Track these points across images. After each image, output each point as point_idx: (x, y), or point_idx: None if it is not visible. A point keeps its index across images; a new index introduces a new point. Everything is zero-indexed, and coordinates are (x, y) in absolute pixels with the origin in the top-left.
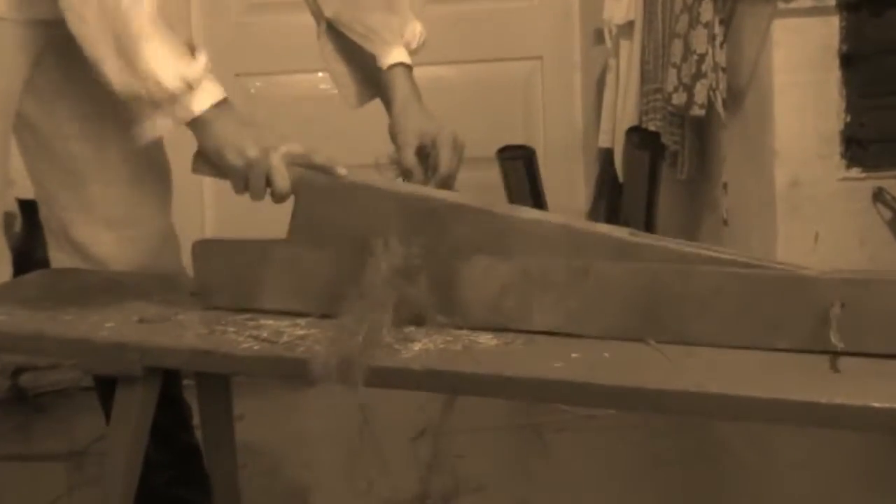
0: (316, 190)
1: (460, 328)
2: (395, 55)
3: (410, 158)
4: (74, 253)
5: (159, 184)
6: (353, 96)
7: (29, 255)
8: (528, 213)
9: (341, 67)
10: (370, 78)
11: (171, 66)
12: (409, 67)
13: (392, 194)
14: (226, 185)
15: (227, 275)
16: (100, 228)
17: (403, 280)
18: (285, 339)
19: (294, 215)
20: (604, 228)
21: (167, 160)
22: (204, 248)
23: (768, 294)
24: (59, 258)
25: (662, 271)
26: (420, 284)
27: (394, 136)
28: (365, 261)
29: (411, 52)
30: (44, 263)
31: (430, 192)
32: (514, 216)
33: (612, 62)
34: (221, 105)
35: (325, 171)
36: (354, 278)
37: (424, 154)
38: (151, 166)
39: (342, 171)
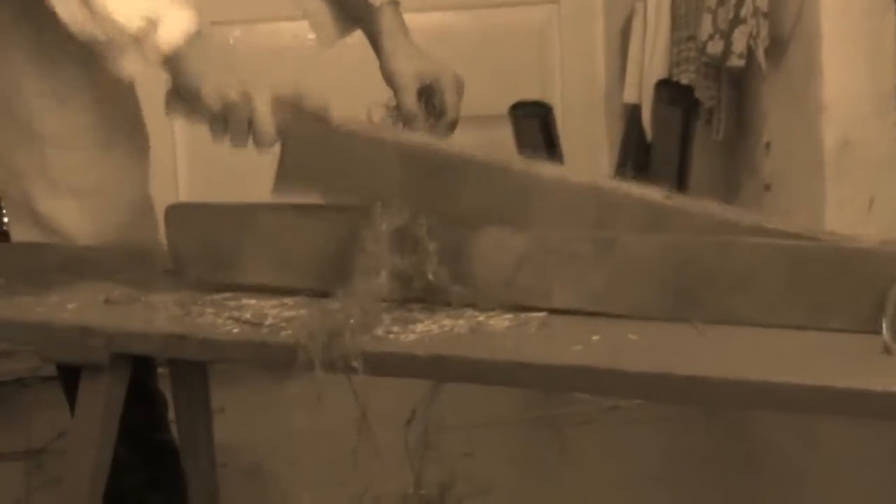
0: (306, 137)
1: (470, 305)
2: None
3: (412, 103)
4: (35, 225)
5: (134, 148)
6: (329, 33)
7: None
8: (550, 170)
9: (318, 3)
10: (349, 13)
11: (129, 3)
12: (396, 4)
13: (394, 146)
14: (202, 147)
15: (203, 243)
16: (65, 198)
17: (405, 250)
18: (270, 321)
19: (280, 166)
20: (636, 190)
21: (143, 121)
22: (178, 214)
23: (818, 269)
24: (19, 231)
25: (698, 244)
26: (424, 254)
27: (389, 77)
28: (360, 229)
29: None
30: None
31: (438, 143)
32: (534, 174)
33: (638, 6)
34: (194, 37)
35: (317, 117)
36: (348, 249)
37: (425, 97)
38: (125, 127)
39: (335, 117)
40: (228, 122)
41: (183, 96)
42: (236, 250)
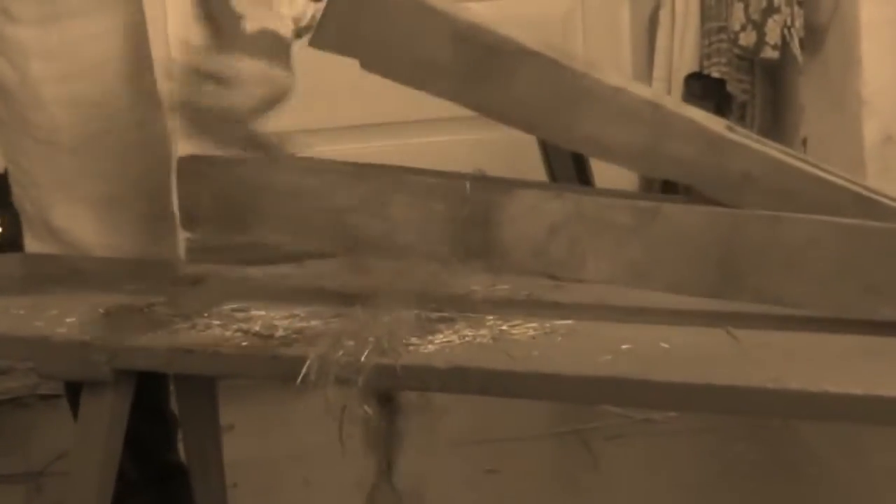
0: None
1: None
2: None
3: None
4: (51, 237)
5: (154, 157)
6: None
7: None
8: (610, 77)
9: None
10: None
11: None
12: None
13: (447, 18)
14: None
15: (217, 200)
16: (82, 208)
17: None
18: (281, 333)
19: (322, 17)
20: (696, 115)
21: (166, 129)
22: (191, 167)
23: (875, 250)
24: (34, 244)
25: (747, 217)
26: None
27: None
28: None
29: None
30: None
31: (494, 27)
32: (593, 77)
33: None
34: None
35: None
36: (374, 210)
37: None
38: (145, 135)
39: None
40: None
41: None
42: (252, 208)
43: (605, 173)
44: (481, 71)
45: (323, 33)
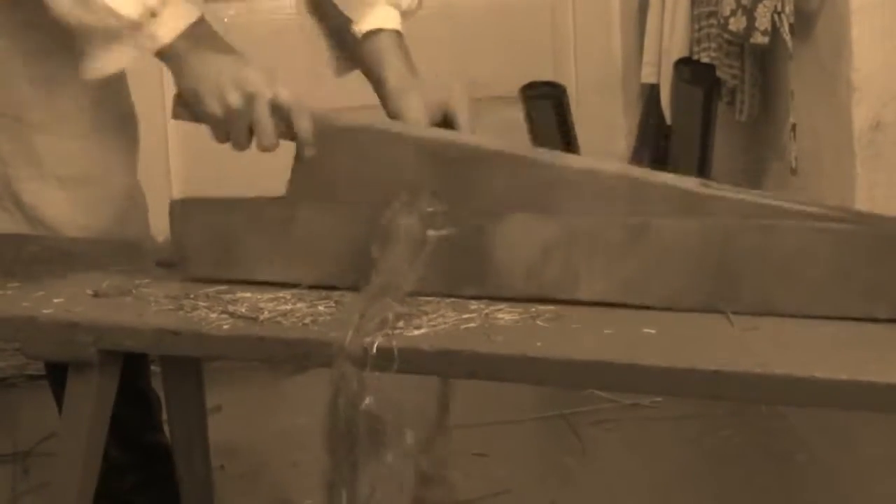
0: (319, 136)
1: (481, 298)
2: (376, 18)
3: None
4: (18, 213)
5: (123, 135)
6: (331, 66)
7: None
8: (577, 161)
9: (316, 28)
10: (349, 44)
11: None
12: (398, 34)
13: (412, 140)
14: (194, 135)
15: (211, 241)
16: (50, 186)
17: (423, 244)
18: (266, 315)
19: (294, 166)
20: (668, 178)
21: (133, 107)
22: (184, 209)
23: (866, 253)
24: (1, 219)
25: (737, 228)
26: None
27: (395, 116)
28: (377, 221)
29: (403, 15)
30: None
31: (458, 136)
32: (561, 166)
33: None
34: (195, 30)
35: (299, 141)
36: (365, 244)
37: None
38: (114, 114)
39: (311, 150)
40: (230, 128)
41: (185, 100)
42: (245, 246)
43: (589, 146)
44: (454, 182)
45: (297, 180)
